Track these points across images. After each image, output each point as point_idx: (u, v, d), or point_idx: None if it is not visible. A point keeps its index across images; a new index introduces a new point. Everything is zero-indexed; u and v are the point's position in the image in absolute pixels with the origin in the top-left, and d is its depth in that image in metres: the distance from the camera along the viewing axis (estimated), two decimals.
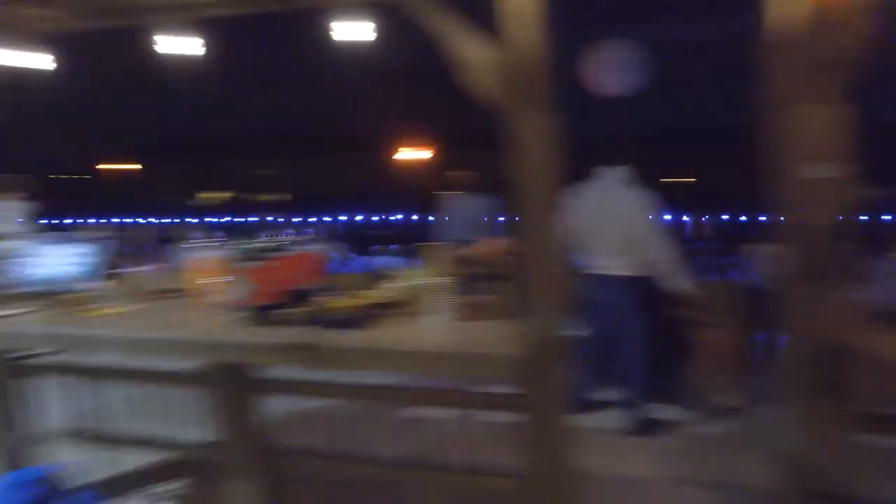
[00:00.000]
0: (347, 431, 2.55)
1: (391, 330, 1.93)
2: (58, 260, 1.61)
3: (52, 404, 2.91)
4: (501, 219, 5.53)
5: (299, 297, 2.13)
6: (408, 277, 2.15)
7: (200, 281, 2.33)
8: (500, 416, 2.21)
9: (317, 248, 2.43)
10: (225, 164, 42.70)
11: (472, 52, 1.71)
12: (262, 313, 2.02)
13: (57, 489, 2.54)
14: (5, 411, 2.74)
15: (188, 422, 2.69)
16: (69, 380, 2.79)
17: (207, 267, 2.31)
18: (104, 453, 2.79)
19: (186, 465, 2.92)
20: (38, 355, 2.79)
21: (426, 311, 2.03)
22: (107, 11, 2.18)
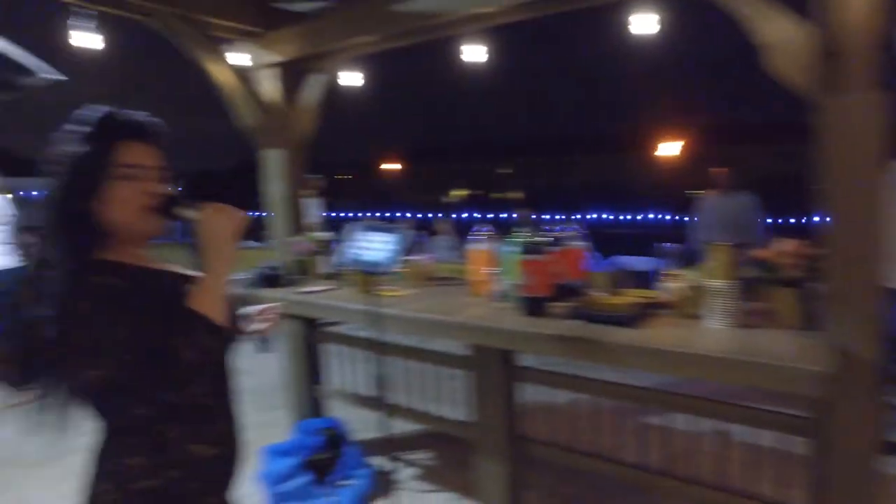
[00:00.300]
0: (596, 428, 2.53)
1: (664, 330, 1.86)
2: (366, 246, 1.92)
3: (340, 368, 3.43)
4: (765, 220, 4.96)
5: (566, 291, 2.19)
6: (682, 278, 2.05)
7: (475, 270, 2.54)
8: (767, 438, 1.99)
9: (579, 245, 2.47)
10: (472, 164, 45.74)
11: (780, 35, 1.56)
12: (533, 304, 2.12)
13: (341, 439, 3.03)
14: (312, 369, 3.34)
15: (448, 399, 2.94)
16: (356, 349, 3.26)
17: (482, 257, 2.50)
18: (373, 416, 3.20)
19: (440, 438, 3.21)
20: (333, 324, 3.32)
21: (701, 315, 1.92)
22: (409, 32, 2.50)
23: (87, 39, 2.77)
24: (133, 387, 0.97)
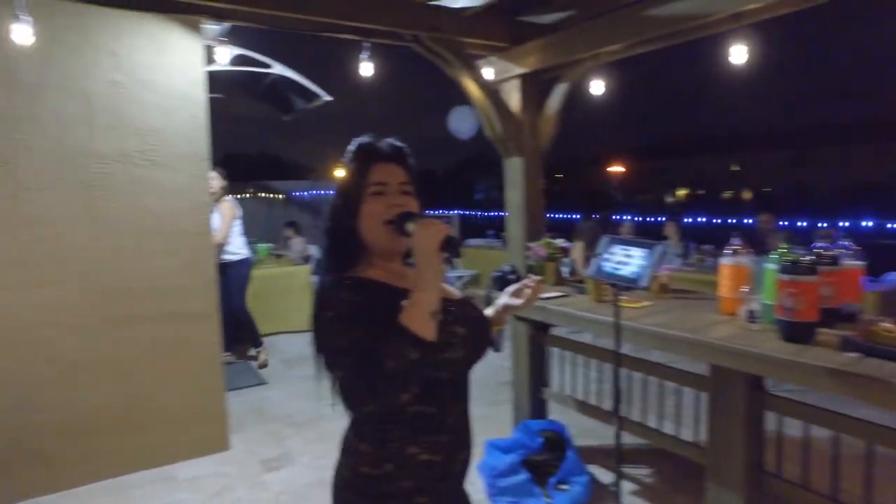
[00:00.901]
0: (866, 479, 2.15)
1: None
2: (621, 260, 1.91)
3: (561, 371, 3.43)
4: None
5: (837, 316, 1.93)
6: None
7: (726, 286, 2.37)
8: None
9: (854, 264, 2.15)
10: (696, 161, 42.17)
11: None
12: (794, 329, 1.91)
13: (562, 443, 3.03)
14: (538, 371, 3.41)
15: (670, 416, 2.76)
16: (580, 355, 3.24)
17: (733, 273, 2.33)
18: (593, 423, 3.14)
19: (662, 455, 3.03)
20: (554, 327, 3.32)
21: None
22: (661, 37, 2.42)
23: (363, 68, 3.26)
24: (357, 389, 1.10)
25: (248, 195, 10.90)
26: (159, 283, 3.21)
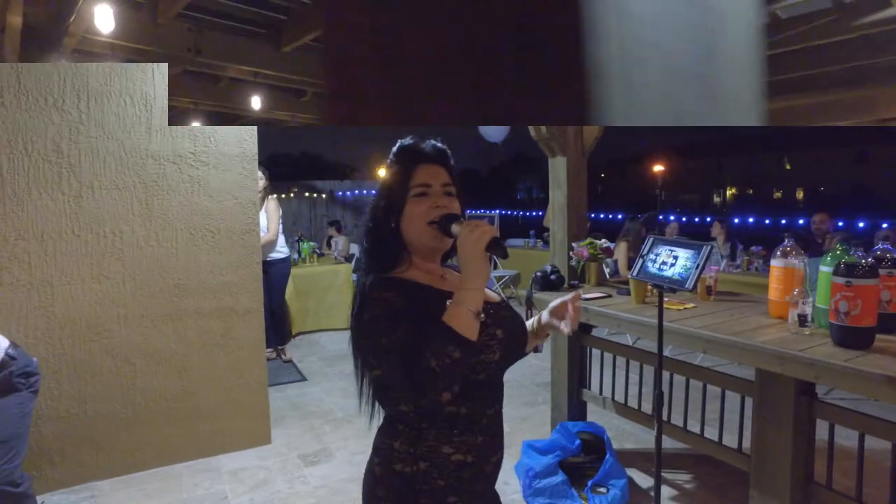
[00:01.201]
0: None
1: None
2: (668, 261, 1.88)
3: (601, 373, 3.38)
4: None
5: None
6: None
7: (775, 288, 2.30)
8: None
9: None
10: (743, 159, 40.85)
11: None
12: (849, 334, 1.84)
13: (600, 445, 2.98)
14: (578, 373, 3.36)
15: (710, 420, 2.69)
16: (622, 357, 3.18)
17: (783, 275, 2.26)
18: (633, 427, 3.08)
19: (703, 459, 2.96)
20: (594, 328, 3.27)
21: None
22: None
23: None
24: (397, 387, 1.12)
25: (292, 195, 11.13)
26: (208, 280, 3.32)
